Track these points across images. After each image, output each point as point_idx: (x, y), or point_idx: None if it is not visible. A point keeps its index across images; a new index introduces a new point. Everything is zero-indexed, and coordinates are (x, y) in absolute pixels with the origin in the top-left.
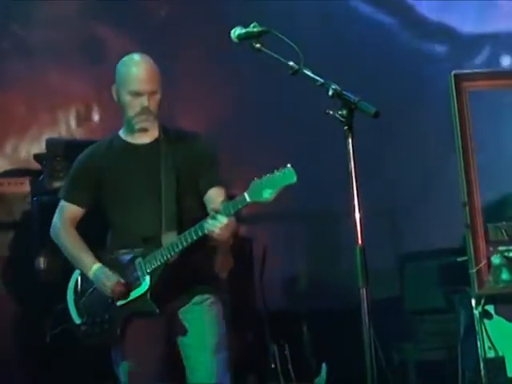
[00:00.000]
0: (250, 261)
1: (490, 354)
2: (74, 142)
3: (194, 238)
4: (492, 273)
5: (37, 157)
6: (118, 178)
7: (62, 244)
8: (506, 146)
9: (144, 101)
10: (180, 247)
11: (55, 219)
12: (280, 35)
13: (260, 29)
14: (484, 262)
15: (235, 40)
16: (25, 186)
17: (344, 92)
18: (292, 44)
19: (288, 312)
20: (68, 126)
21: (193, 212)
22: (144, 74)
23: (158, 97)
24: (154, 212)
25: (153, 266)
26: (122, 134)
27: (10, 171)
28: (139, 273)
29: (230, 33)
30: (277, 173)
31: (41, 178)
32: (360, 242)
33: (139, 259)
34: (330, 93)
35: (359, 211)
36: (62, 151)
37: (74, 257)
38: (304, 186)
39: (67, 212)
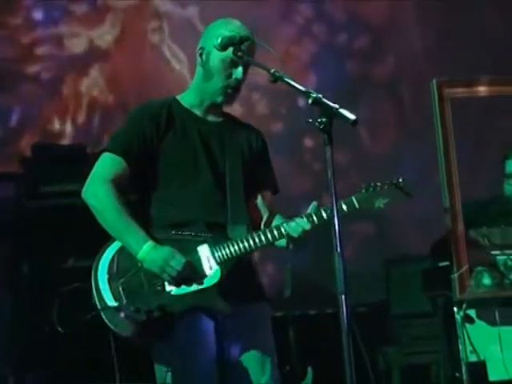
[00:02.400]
0: None
1: (472, 358)
2: (60, 147)
3: (282, 236)
4: (473, 278)
5: (22, 161)
6: (181, 148)
7: (104, 205)
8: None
9: (239, 72)
10: (262, 243)
11: (94, 176)
12: (262, 43)
13: (242, 36)
14: (466, 266)
15: (218, 48)
16: (9, 191)
17: (324, 100)
18: (273, 51)
19: (273, 316)
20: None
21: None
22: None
23: (247, 73)
24: (218, 198)
25: (225, 257)
26: (183, 101)
27: None
28: (204, 261)
29: None
30: (392, 183)
31: (25, 182)
32: (339, 248)
33: (204, 246)
34: (310, 101)
35: (337, 218)
36: (49, 156)
37: (120, 225)
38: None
39: (114, 167)
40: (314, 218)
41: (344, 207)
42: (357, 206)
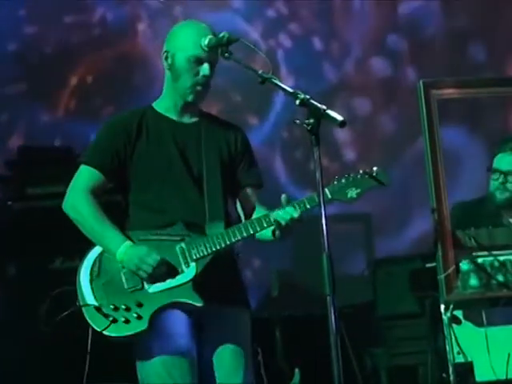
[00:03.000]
0: None
1: (459, 359)
2: (47, 148)
3: (258, 229)
4: (460, 279)
5: (8, 163)
6: (155, 154)
7: (82, 215)
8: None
9: (206, 69)
10: (237, 238)
11: (72, 188)
12: (250, 44)
13: (230, 37)
14: (452, 267)
15: (205, 48)
16: None
17: (311, 101)
18: (261, 53)
19: (261, 317)
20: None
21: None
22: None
23: (214, 70)
24: (196, 198)
25: (200, 254)
26: (158, 107)
27: None
28: (181, 259)
29: None
30: (366, 173)
31: (12, 184)
32: (326, 249)
33: (181, 244)
34: (298, 102)
35: (325, 218)
36: (35, 158)
37: (98, 231)
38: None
39: (90, 179)
40: (297, 207)
41: (316, 199)
42: (329, 196)
